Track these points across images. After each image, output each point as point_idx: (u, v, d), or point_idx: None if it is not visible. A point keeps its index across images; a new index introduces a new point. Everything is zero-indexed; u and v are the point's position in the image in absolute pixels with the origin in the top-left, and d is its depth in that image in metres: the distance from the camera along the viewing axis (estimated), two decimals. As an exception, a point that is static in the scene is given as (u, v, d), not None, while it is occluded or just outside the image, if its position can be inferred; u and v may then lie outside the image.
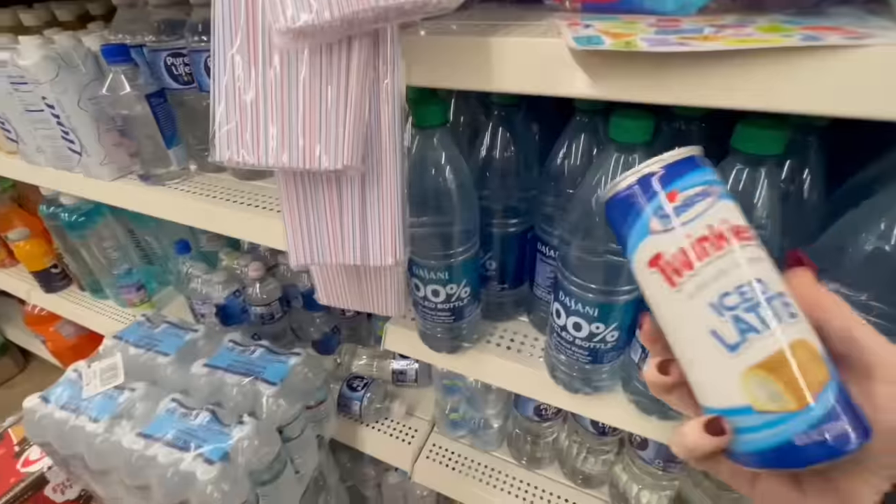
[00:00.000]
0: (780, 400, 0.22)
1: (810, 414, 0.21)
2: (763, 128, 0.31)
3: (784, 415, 0.21)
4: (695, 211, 0.23)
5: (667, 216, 0.24)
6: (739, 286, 0.22)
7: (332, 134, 0.33)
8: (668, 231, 0.24)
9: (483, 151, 0.48)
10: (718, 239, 0.23)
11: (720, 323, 0.23)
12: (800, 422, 0.21)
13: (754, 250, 0.23)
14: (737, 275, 0.23)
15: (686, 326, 0.24)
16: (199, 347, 0.79)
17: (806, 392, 0.21)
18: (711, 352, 0.23)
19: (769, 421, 0.22)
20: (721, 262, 0.23)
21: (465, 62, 0.35)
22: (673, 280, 0.24)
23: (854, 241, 0.32)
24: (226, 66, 0.33)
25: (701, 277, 0.23)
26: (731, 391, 0.23)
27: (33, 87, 0.65)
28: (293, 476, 0.74)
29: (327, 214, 0.39)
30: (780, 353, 0.22)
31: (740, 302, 0.22)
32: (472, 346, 0.58)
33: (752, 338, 0.22)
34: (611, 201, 0.27)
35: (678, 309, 0.24)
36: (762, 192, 0.33)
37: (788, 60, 0.27)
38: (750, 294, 0.22)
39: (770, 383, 0.22)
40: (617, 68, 0.30)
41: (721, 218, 0.23)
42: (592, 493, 0.80)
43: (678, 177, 0.24)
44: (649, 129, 0.35)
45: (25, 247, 1.14)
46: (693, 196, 0.24)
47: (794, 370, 0.21)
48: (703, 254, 0.23)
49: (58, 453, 0.70)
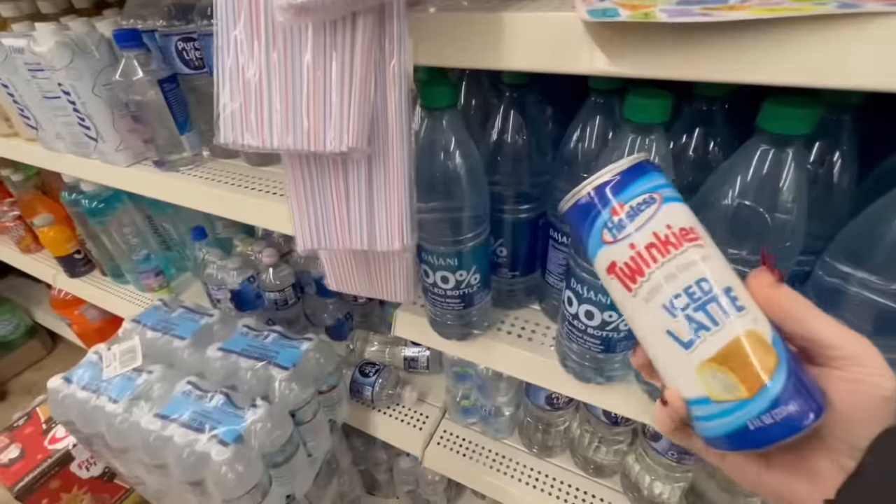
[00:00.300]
0: (733, 390, 0.23)
1: (760, 401, 0.23)
2: (792, 106, 0.29)
3: (738, 403, 0.23)
4: (640, 220, 0.25)
5: (615, 228, 0.26)
6: (687, 287, 0.24)
7: (336, 115, 0.32)
8: (618, 242, 0.26)
9: (494, 134, 0.47)
10: (665, 244, 0.25)
11: (674, 323, 0.24)
12: (751, 408, 0.23)
13: (699, 250, 0.25)
14: (684, 277, 0.24)
15: (646, 327, 0.26)
16: (214, 332, 0.80)
17: (755, 381, 0.23)
18: (670, 349, 0.25)
19: (725, 409, 0.24)
20: (669, 266, 0.24)
21: (474, 39, 0.33)
22: (629, 286, 0.26)
23: (884, 228, 0.30)
24: (229, 48, 0.32)
25: (652, 282, 0.25)
26: (691, 384, 0.25)
27: (49, 74, 0.65)
28: (306, 459, 0.75)
29: (334, 198, 0.38)
30: (729, 347, 0.23)
31: (689, 302, 0.24)
32: (482, 333, 0.57)
33: (704, 334, 0.24)
34: (567, 214, 0.28)
35: (637, 312, 0.26)
36: (789, 175, 0.31)
37: (823, 30, 0.25)
38: (698, 294, 0.24)
39: (723, 375, 0.23)
40: (634, 42, 0.28)
41: (666, 223, 0.25)
42: (604, 482, 0.79)
43: (624, 188, 0.26)
44: (667, 108, 0.33)
45: (49, 233, 1.18)
46: (638, 205, 0.25)
47: (743, 362, 0.23)
48: (652, 260, 0.25)
49: (80, 432, 0.72)
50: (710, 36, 0.27)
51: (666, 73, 0.28)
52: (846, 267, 0.34)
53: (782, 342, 0.24)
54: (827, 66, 0.26)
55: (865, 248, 0.32)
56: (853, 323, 0.34)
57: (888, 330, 0.33)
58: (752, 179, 0.32)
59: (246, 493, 0.63)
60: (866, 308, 0.33)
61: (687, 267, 0.24)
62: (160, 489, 0.75)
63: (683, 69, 0.28)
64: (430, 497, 1.01)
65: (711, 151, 0.40)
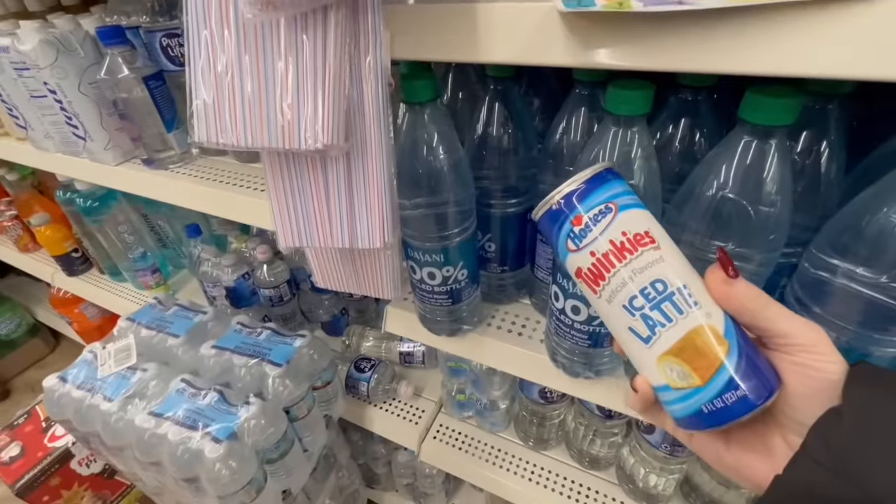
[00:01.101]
0: (688, 378, 0.26)
1: (711, 387, 0.25)
2: (773, 96, 0.29)
3: (693, 390, 0.26)
4: (598, 229, 0.27)
5: (577, 237, 0.28)
6: (643, 289, 0.26)
7: (310, 112, 0.31)
8: (580, 250, 0.28)
9: (479, 128, 0.46)
10: (620, 251, 0.27)
11: (633, 321, 0.27)
12: (704, 394, 0.25)
13: (655, 252, 0.27)
14: (640, 279, 0.26)
15: (612, 324, 0.29)
16: (208, 329, 0.81)
17: (706, 370, 0.25)
18: (633, 344, 0.28)
19: (683, 395, 0.26)
20: (625, 270, 0.27)
21: (451, 32, 0.32)
22: (594, 289, 0.28)
23: (869, 219, 0.29)
24: (200, 47, 0.31)
25: (612, 286, 0.27)
26: (653, 374, 0.27)
27: (35, 73, 0.65)
28: (301, 454, 0.76)
29: (313, 196, 0.38)
30: (682, 341, 0.26)
31: (645, 302, 0.26)
32: (472, 328, 0.57)
33: (660, 330, 0.26)
34: (539, 224, 0.30)
35: (604, 311, 0.29)
36: (772, 166, 0.31)
37: (803, 16, 0.24)
38: (653, 294, 0.26)
39: (678, 365, 0.26)
40: (610, 32, 0.28)
41: (622, 230, 0.27)
42: (600, 475, 0.79)
43: (585, 197, 0.28)
44: (648, 99, 0.32)
45: (46, 232, 1.18)
46: (595, 216, 0.27)
47: (696, 353, 0.25)
48: (610, 265, 0.27)
49: (77, 430, 0.73)
50: (687, 25, 0.26)
51: (642, 63, 0.27)
52: (832, 258, 0.33)
53: (737, 331, 0.26)
54: (806, 55, 0.25)
55: (851, 239, 0.32)
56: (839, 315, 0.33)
57: (873, 321, 0.32)
58: (735, 172, 0.31)
59: (240, 489, 0.63)
60: (851, 300, 0.32)
61: (642, 270, 0.26)
62: (158, 486, 0.75)
63: (660, 60, 0.27)
64: (427, 490, 1.02)
65: (698, 142, 0.40)
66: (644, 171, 0.35)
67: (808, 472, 0.23)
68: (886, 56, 0.24)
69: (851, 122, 0.36)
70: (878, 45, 0.24)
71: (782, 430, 0.26)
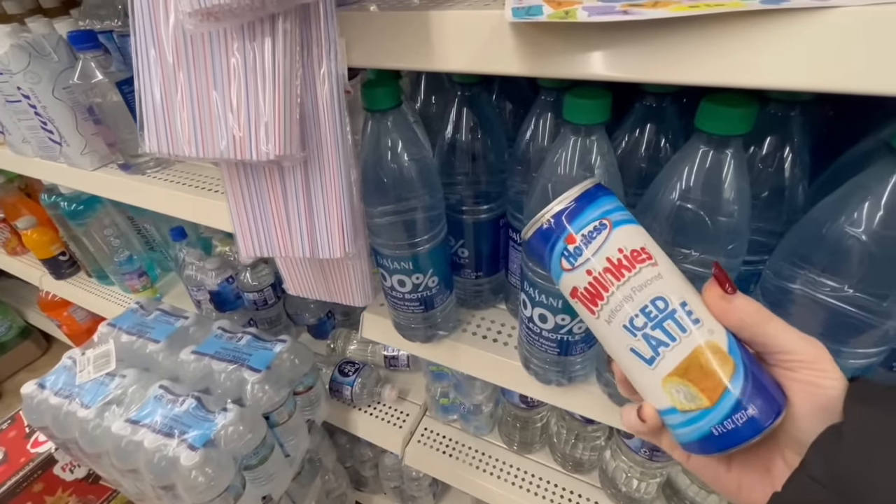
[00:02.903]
0: (696, 400, 0.24)
1: (721, 408, 0.24)
2: (728, 105, 0.28)
3: (701, 412, 0.24)
4: (594, 247, 0.26)
5: (571, 256, 0.27)
6: (643, 307, 0.25)
7: (261, 122, 0.31)
8: (576, 269, 0.27)
9: (448, 134, 0.46)
10: (618, 268, 0.25)
11: (635, 342, 0.25)
12: (714, 416, 0.24)
13: (653, 269, 0.25)
14: (640, 297, 0.25)
15: (612, 345, 0.27)
16: (189, 334, 0.80)
17: (714, 391, 0.24)
18: (635, 366, 0.26)
19: (691, 418, 0.25)
20: (624, 288, 0.25)
21: (405, 40, 0.32)
22: (592, 309, 0.27)
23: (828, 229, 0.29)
24: (149, 58, 0.31)
25: (611, 305, 0.26)
26: (658, 397, 0.26)
27: (8, 78, 0.64)
28: (283, 459, 0.75)
29: (272, 205, 0.37)
30: (687, 360, 0.24)
31: (647, 321, 0.25)
32: (447, 334, 0.57)
33: (663, 350, 0.25)
34: (528, 244, 0.29)
35: (602, 332, 0.27)
36: (728, 176, 0.30)
37: (750, 26, 0.24)
38: (654, 313, 0.25)
39: (684, 387, 0.25)
40: (559, 42, 0.27)
41: (618, 247, 0.26)
42: (583, 478, 0.79)
43: (577, 215, 0.27)
44: (606, 108, 0.32)
45: (33, 235, 1.17)
46: (590, 233, 0.26)
47: (702, 373, 0.24)
48: (608, 284, 0.26)
49: (56, 437, 0.72)
50: (634, 35, 0.25)
51: (590, 73, 0.27)
52: (794, 268, 0.33)
53: (740, 348, 0.25)
54: (754, 65, 0.24)
55: (812, 248, 0.31)
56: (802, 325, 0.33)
57: (835, 332, 0.32)
58: (693, 181, 0.31)
59: (217, 496, 0.63)
60: (814, 310, 0.32)
61: (641, 287, 0.25)
62: (138, 492, 0.75)
63: (608, 70, 0.27)
64: (415, 493, 1.02)
65: (663, 148, 0.39)
66: (604, 179, 0.34)
67: (806, 490, 0.23)
68: (837, 66, 0.23)
69: (816, 128, 0.36)
70: (829, 56, 0.23)
71: (781, 449, 0.26)
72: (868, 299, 0.29)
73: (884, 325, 0.29)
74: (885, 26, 0.21)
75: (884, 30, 0.22)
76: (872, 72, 0.23)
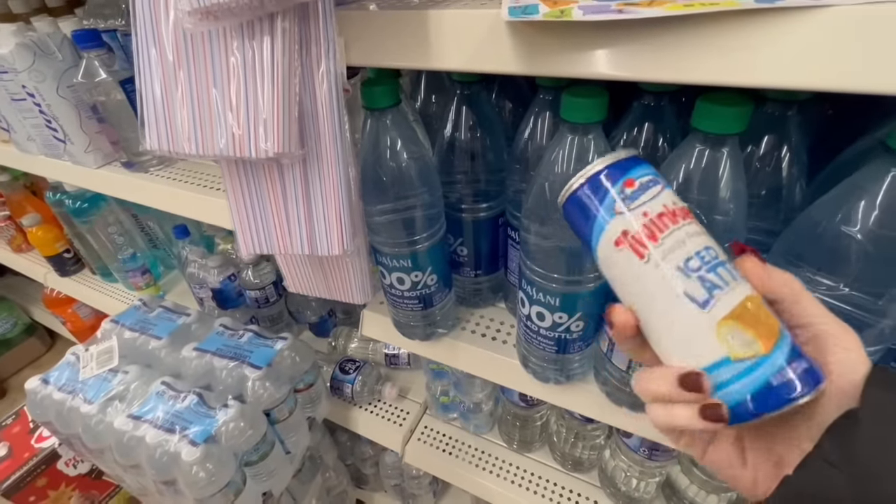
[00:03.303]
0: (752, 345, 0.24)
1: (777, 354, 0.23)
2: (723, 104, 0.28)
3: (758, 359, 0.23)
4: (650, 194, 0.26)
5: (628, 198, 0.26)
6: (698, 251, 0.25)
7: (260, 120, 0.31)
8: (632, 211, 0.26)
9: (447, 132, 0.46)
10: (673, 215, 0.26)
11: (689, 284, 0.25)
12: (772, 363, 0.23)
13: (699, 226, 0.26)
14: (694, 242, 0.25)
15: (658, 294, 0.26)
16: (192, 331, 0.81)
17: (770, 336, 0.23)
18: (685, 312, 0.25)
19: (747, 368, 0.24)
20: (679, 232, 0.25)
21: (403, 39, 0.32)
22: (641, 253, 0.26)
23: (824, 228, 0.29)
24: (149, 57, 0.31)
25: (665, 246, 0.25)
26: (709, 346, 0.25)
27: (13, 76, 0.65)
28: (283, 456, 0.76)
29: (271, 202, 0.37)
30: (742, 304, 0.24)
31: (701, 265, 0.25)
32: (446, 332, 0.57)
33: (718, 293, 0.24)
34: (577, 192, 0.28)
35: (649, 278, 0.26)
36: (724, 175, 0.30)
37: (744, 25, 0.24)
38: (708, 258, 0.25)
39: (741, 331, 0.24)
40: (555, 41, 0.27)
41: (672, 200, 0.26)
42: (583, 477, 0.79)
43: (630, 169, 0.27)
44: (602, 106, 0.32)
45: (38, 232, 1.18)
46: (647, 182, 0.27)
47: (756, 319, 0.24)
48: (664, 227, 0.26)
49: (60, 432, 0.73)
50: (629, 34, 0.26)
51: (586, 72, 0.27)
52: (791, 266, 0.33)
53: None
54: (749, 64, 0.24)
55: (807, 246, 0.31)
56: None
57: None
58: (689, 180, 0.31)
59: (218, 491, 0.63)
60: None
61: (693, 235, 0.25)
62: (141, 487, 0.76)
63: (603, 68, 0.27)
64: (415, 491, 1.02)
65: (661, 148, 0.39)
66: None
67: (820, 474, 0.22)
68: (831, 65, 0.24)
69: (813, 128, 0.36)
70: (823, 55, 0.23)
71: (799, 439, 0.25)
72: (863, 298, 0.29)
73: (879, 324, 0.29)
74: (879, 25, 0.22)
75: (877, 29, 0.22)
76: (867, 70, 0.23)
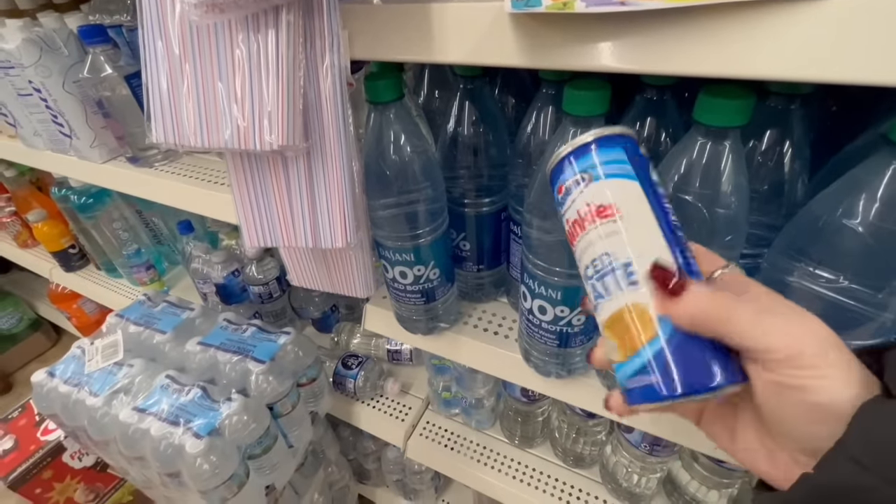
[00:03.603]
0: (614, 353, 0.26)
1: (628, 367, 0.25)
2: (725, 97, 0.28)
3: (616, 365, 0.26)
4: (571, 199, 0.27)
5: (560, 204, 0.28)
6: (594, 259, 0.27)
7: (265, 113, 0.31)
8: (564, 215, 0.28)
9: (449, 127, 0.46)
10: (583, 221, 0.27)
11: (588, 289, 0.28)
12: (623, 371, 0.25)
13: (612, 225, 0.26)
14: (592, 250, 0.27)
15: None
16: (196, 326, 0.81)
17: (627, 349, 0.25)
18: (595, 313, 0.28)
19: (615, 367, 0.26)
20: (584, 239, 0.27)
21: (407, 32, 0.32)
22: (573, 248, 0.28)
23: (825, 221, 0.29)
24: (156, 50, 0.32)
25: (576, 253, 0.28)
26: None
27: (20, 71, 0.65)
28: (286, 450, 0.76)
29: (276, 195, 0.38)
30: (613, 316, 0.26)
31: (594, 273, 0.27)
32: (449, 326, 0.57)
33: (600, 302, 0.27)
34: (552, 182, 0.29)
35: None
36: (726, 168, 0.30)
37: (747, 17, 0.24)
38: (600, 266, 0.26)
39: (610, 339, 0.26)
40: (558, 33, 0.27)
41: (586, 201, 0.27)
42: (584, 473, 0.79)
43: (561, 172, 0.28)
44: (605, 99, 0.32)
45: (43, 228, 1.19)
46: (570, 185, 0.27)
47: (623, 329, 0.25)
48: (574, 234, 0.28)
49: (66, 425, 0.74)
50: (632, 26, 0.26)
51: (589, 64, 0.27)
52: (792, 260, 0.33)
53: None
54: (751, 56, 0.25)
55: (809, 240, 0.31)
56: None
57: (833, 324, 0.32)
58: (690, 173, 0.31)
59: (222, 483, 0.64)
60: (812, 302, 0.32)
61: (594, 242, 0.27)
62: (145, 479, 0.76)
63: (606, 60, 0.27)
64: (417, 486, 1.03)
65: (663, 142, 0.39)
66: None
67: (848, 474, 0.19)
68: (834, 57, 0.24)
69: (816, 122, 0.36)
70: (826, 46, 0.23)
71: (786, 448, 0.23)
72: (864, 291, 0.29)
73: (880, 317, 0.29)
74: (881, 16, 0.22)
75: (880, 20, 0.22)
76: (869, 62, 0.23)
